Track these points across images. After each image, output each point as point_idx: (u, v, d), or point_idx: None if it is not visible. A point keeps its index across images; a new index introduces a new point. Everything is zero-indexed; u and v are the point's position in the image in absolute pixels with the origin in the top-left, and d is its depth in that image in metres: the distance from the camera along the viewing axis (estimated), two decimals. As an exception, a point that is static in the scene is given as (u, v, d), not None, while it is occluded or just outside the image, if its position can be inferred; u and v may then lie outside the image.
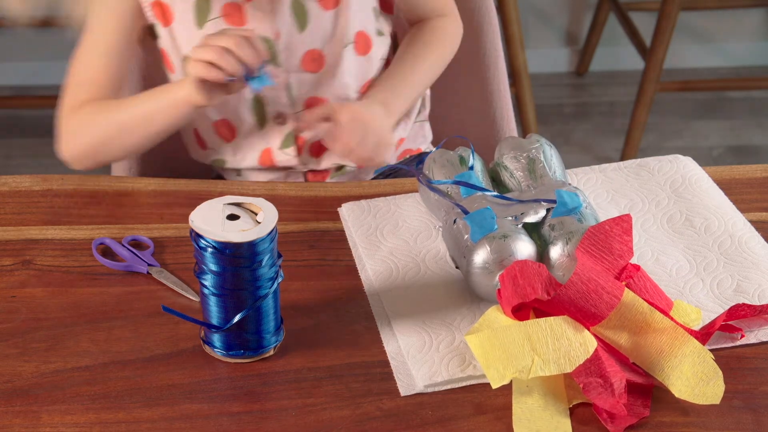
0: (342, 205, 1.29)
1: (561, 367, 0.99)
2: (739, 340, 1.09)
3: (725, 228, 1.24)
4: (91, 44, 1.41)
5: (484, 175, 1.23)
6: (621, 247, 1.09)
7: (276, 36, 1.39)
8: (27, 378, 1.04)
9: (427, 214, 1.27)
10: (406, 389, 1.03)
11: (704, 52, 3.29)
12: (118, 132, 1.39)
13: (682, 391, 1.00)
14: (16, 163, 2.82)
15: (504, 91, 1.68)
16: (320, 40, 1.41)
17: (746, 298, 1.14)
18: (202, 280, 1.04)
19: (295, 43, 1.41)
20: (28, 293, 1.15)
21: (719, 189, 1.31)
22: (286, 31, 1.40)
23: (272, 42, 1.39)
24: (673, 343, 1.03)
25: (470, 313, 1.12)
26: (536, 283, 1.03)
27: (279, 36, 1.40)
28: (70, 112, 1.41)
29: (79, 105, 1.40)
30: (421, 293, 1.15)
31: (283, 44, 1.40)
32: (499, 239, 1.10)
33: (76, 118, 1.40)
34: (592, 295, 1.01)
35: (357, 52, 1.44)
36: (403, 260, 1.20)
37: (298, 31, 1.40)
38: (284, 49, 1.40)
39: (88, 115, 1.39)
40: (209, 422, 0.99)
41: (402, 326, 1.10)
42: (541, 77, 3.18)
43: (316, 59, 1.42)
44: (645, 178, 1.34)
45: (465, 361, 1.05)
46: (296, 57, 1.41)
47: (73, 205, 1.29)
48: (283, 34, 1.40)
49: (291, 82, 1.42)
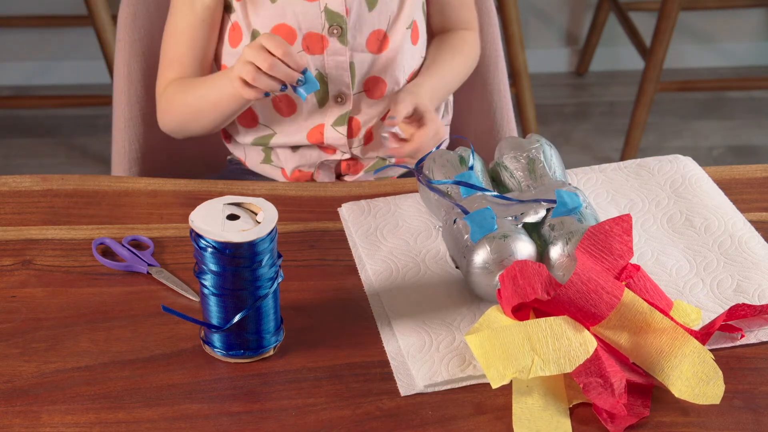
0: (342, 205, 1.29)
1: (561, 367, 0.99)
2: (739, 340, 1.09)
3: (725, 228, 1.24)
4: (175, 23, 1.45)
5: (484, 175, 1.23)
6: (621, 247, 1.09)
7: (346, 12, 1.42)
8: (27, 378, 1.04)
9: (427, 214, 1.27)
10: (406, 389, 1.03)
11: (704, 52, 3.29)
12: (194, 114, 1.45)
13: (682, 391, 1.00)
14: (16, 163, 2.82)
15: (504, 91, 1.68)
16: (386, 21, 1.44)
17: (746, 298, 1.14)
18: (202, 280, 1.04)
19: (363, 22, 1.43)
20: (28, 293, 1.15)
21: (719, 189, 1.31)
22: (356, 8, 1.42)
23: (343, 18, 1.41)
24: (673, 343, 1.03)
25: (470, 313, 1.12)
26: (536, 283, 1.03)
27: (349, 13, 1.42)
28: (162, 90, 1.47)
29: (168, 83, 1.46)
30: (421, 293, 1.15)
31: (351, 22, 1.42)
32: (499, 239, 1.10)
33: (165, 97, 1.47)
34: (592, 295, 1.01)
35: (412, 40, 1.47)
36: (403, 260, 1.20)
37: (367, 9, 1.43)
38: (352, 27, 1.43)
39: (172, 95, 1.46)
40: (209, 422, 0.99)
41: (402, 326, 1.10)
42: (541, 77, 3.18)
43: (380, 40, 1.45)
44: (645, 178, 1.34)
45: (465, 361, 1.05)
46: (363, 36, 1.44)
47: (73, 205, 1.29)
48: (353, 11, 1.42)
49: (354, 62, 1.44)
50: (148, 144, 1.61)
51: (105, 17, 2.55)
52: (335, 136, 1.47)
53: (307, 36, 1.42)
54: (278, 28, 1.41)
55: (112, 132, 1.62)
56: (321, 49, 1.43)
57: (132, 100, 1.58)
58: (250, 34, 1.43)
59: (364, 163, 1.51)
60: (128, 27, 1.58)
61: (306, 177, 1.50)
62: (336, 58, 1.43)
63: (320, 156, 1.49)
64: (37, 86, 3.12)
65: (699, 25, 3.26)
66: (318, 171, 1.50)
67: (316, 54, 1.43)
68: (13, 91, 3.10)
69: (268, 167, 1.53)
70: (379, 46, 1.45)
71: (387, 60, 1.46)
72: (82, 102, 2.81)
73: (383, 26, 1.44)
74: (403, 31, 1.45)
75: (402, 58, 1.46)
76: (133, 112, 1.58)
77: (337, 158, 1.50)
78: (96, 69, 3.05)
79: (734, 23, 3.26)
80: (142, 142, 1.60)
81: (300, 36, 1.42)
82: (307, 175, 1.50)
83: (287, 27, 1.41)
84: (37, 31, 3.07)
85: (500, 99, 1.68)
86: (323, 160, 1.49)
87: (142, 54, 1.58)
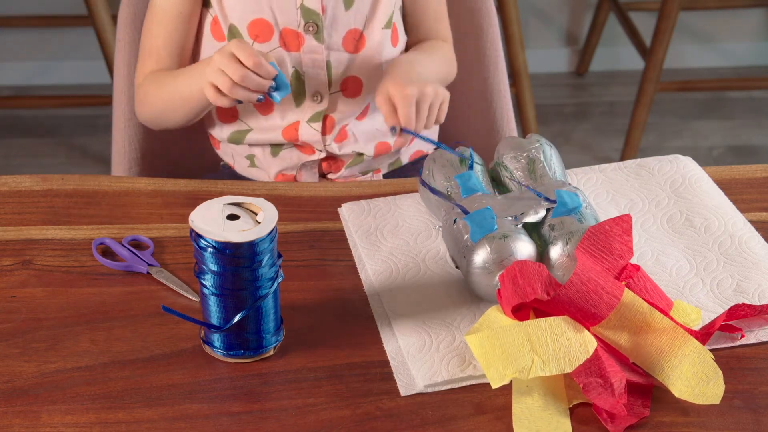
0: (342, 205, 1.29)
1: (561, 367, 0.99)
2: (739, 340, 1.09)
3: (725, 228, 1.24)
4: (154, 15, 1.46)
5: (484, 176, 1.23)
6: (621, 247, 1.09)
7: (322, 10, 1.42)
8: (27, 378, 1.04)
9: (427, 214, 1.27)
10: (406, 389, 1.03)
11: (704, 52, 3.29)
12: (167, 107, 1.46)
13: (682, 391, 1.00)
14: (15, 163, 2.82)
15: (504, 91, 1.68)
16: (362, 20, 1.44)
17: (746, 298, 1.14)
18: (202, 280, 1.04)
19: (338, 20, 1.43)
20: (28, 293, 1.15)
21: (719, 189, 1.31)
22: (332, 6, 1.42)
23: (319, 15, 1.41)
24: (673, 343, 1.03)
25: (470, 313, 1.12)
26: (536, 283, 1.03)
27: (325, 11, 1.42)
28: (141, 81, 1.48)
29: (147, 74, 1.47)
30: (421, 293, 1.15)
31: (327, 20, 1.42)
32: (499, 239, 1.10)
33: (142, 89, 1.48)
34: (592, 295, 1.01)
35: (392, 41, 1.47)
36: (403, 260, 1.20)
37: (344, 8, 1.43)
38: (328, 25, 1.42)
39: (149, 86, 1.47)
40: (209, 422, 0.99)
41: (402, 326, 1.10)
42: (541, 77, 3.18)
43: (356, 39, 1.44)
44: (645, 178, 1.34)
45: (465, 361, 1.05)
46: (339, 35, 1.44)
47: (73, 205, 1.29)
48: (329, 9, 1.42)
49: (330, 61, 1.44)
50: (148, 144, 1.62)
51: (105, 17, 2.55)
52: (310, 132, 1.47)
53: (283, 32, 1.42)
54: (255, 23, 1.41)
55: (112, 132, 1.62)
56: (297, 46, 1.43)
57: (132, 100, 1.58)
58: (228, 29, 1.43)
59: (343, 159, 1.50)
60: (128, 27, 1.58)
61: (288, 179, 1.50)
62: (312, 56, 1.43)
63: (300, 157, 1.49)
64: (37, 86, 3.12)
65: (699, 25, 3.26)
66: (300, 172, 1.50)
67: (292, 51, 1.43)
68: (13, 91, 3.10)
69: (254, 171, 1.53)
70: (355, 46, 1.45)
71: (364, 59, 1.45)
72: (82, 102, 2.81)
73: (359, 25, 1.44)
74: (380, 31, 1.45)
75: (381, 59, 1.46)
76: (133, 112, 1.58)
77: (316, 158, 1.49)
78: (96, 69, 3.05)
79: (734, 23, 3.26)
80: (142, 142, 1.60)
81: (277, 31, 1.42)
82: (290, 177, 1.50)
83: (264, 21, 1.41)
84: (37, 31, 3.07)
85: (500, 99, 1.68)
86: (303, 162, 1.49)
87: (142, 54, 1.58)
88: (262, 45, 1.42)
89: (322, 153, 1.49)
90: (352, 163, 1.50)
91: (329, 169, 1.51)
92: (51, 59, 3.12)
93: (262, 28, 1.41)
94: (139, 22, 1.58)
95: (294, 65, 1.44)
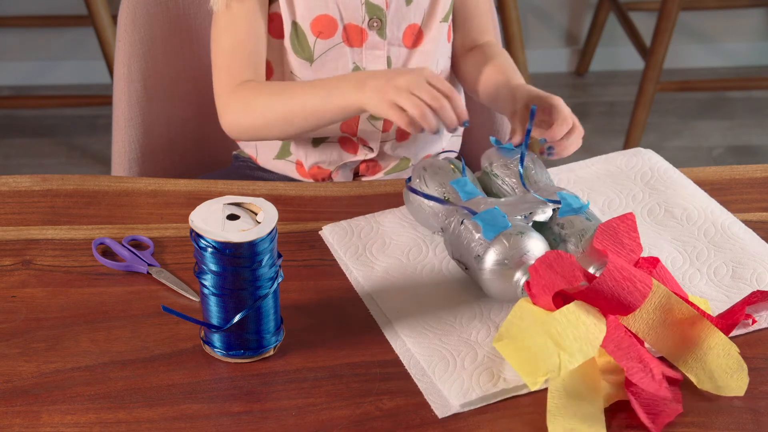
0: (323, 228, 1.25)
1: (585, 353, 0.98)
2: (751, 326, 1.10)
3: (706, 216, 1.26)
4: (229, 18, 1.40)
5: (475, 183, 1.23)
6: (631, 243, 1.10)
7: (386, 6, 1.42)
8: (27, 378, 1.04)
9: (411, 229, 1.25)
10: (442, 411, 1.00)
11: (704, 52, 3.29)
12: (282, 120, 1.37)
13: (705, 383, 1.01)
14: (15, 163, 2.82)
15: (504, 91, 1.68)
16: (422, 15, 1.44)
17: (745, 284, 1.16)
18: (202, 280, 1.04)
19: (401, 15, 1.43)
20: (28, 293, 1.15)
21: (687, 177, 1.32)
22: (395, 1, 1.42)
23: (383, 11, 1.41)
24: (699, 335, 1.03)
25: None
26: (576, 270, 1.03)
27: (388, 6, 1.42)
28: (232, 90, 1.40)
29: (240, 84, 1.39)
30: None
31: (390, 15, 1.42)
32: (516, 235, 1.10)
33: (238, 98, 1.39)
34: (627, 284, 1.01)
35: (447, 36, 1.47)
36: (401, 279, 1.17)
37: (405, 3, 1.43)
38: (390, 21, 1.42)
39: (251, 98, 1.38)
40: (209, 422, 0.99)
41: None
42: (541, 77, 3.17)
43: (415, 34, 1.44)
44: (615, 174, 1.35)
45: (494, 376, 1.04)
46: (400, 30, 1.44)
47: (73, 205, 1.29)
48: (392, 4, 1.42)
49: (391, 56, 1.44)
50: (148, 144, 1.61)
51: (105, 17, 2.55)
52: (369, 129, 1.46)
53: (347, 27, 1.41)
54: (320, 19, 1.40)
55: (112, 132, 1.62)
56: (360, 42, 1.42)
57: (132, 100, 1.58)
58: (291, 25, 1.41)
59: (383, 165, 1.50)
60: (128, 27, 1.58)
61: (324, 174, 1.49)
62: (374, 52, 1.43)
63: (340, 155, 1.48)
64: (37, 86, 3.12)
65: (699, 25, 3.26)
66: (337, 171, 1.49)
67: (355, 47, 1.42)
68: (13, 91, 3.10)
69: (280, 163, 1.51)
70: (414, 41, 1.45)
71: (421, 54, 1.45)
72: (82, 102, 2.81)
73: (418, 20, 1.44)
74: (437, 25, 1.45)
75: (436, 54, 1.46)
76: (133, 112, 1.58)
77: (359, 159, 1.48)
78: (96, 69, 3.05)
79: (734, 23, 3.26)
80: (142, 142, 1.60)
81: (341, 27, 1.41)
82: (326, 172, 1.49)
83: (329, 17, 1.40)
84: (37, 31, 3.07)
85: (500, 99, 1.68)
86: (344, 162, 1.48)
87: (142, 54, 1.57)
88: (325, 41, 1.41)
89: (371, 153, 1.47)
90: (393, 169, 1.49)
91: (366, 171, 1.50)
92: (51, 59, 3.12)
93: (326, 23, 1.40)
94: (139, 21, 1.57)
95: (355, 61, 1.43)
